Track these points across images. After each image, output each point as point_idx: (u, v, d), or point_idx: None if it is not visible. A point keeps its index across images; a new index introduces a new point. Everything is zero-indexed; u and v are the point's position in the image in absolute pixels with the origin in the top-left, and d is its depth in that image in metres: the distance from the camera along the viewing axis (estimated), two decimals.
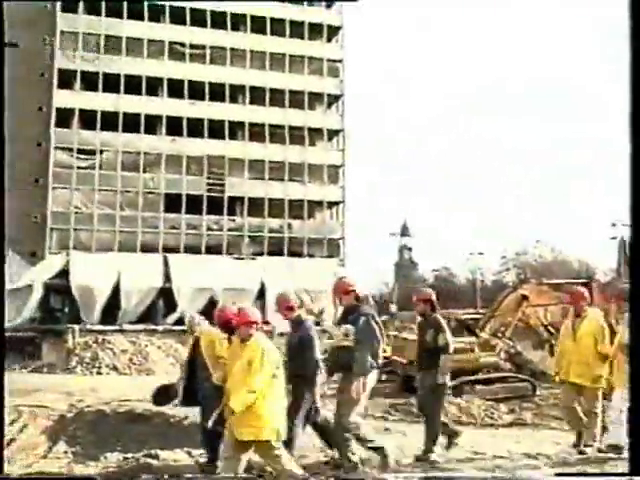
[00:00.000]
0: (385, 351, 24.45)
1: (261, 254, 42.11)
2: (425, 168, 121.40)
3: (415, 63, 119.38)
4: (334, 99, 46.03)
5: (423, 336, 8.59)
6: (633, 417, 3.96)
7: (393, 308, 53.65)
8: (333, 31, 46.20)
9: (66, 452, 10.47)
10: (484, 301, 42.86)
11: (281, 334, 8.31)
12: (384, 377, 23.41)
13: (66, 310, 40.17)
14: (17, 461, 9.38)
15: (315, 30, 45.23)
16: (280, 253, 42.35)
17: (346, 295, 7.76)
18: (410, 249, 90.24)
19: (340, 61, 45.99)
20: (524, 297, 17.08)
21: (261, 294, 39.92)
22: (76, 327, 35.31)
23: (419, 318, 8.96)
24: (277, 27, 43.92)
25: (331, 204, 45.25)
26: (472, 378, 15.72)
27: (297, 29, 44.43)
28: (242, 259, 41.57)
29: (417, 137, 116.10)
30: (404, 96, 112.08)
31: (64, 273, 38.16)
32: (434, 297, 8.78)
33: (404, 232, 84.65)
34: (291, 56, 44.17)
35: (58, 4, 40.89)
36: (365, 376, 7.43)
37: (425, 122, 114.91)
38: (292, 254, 42.69)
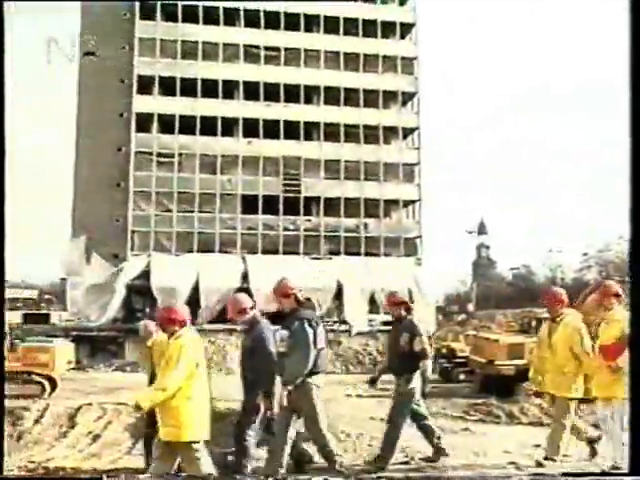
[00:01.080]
0: (463, 350, 24.20)
1: (337, 254, 42.10)
2: (500, 165, 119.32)
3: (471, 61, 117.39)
4: (409, 97, 45.67)
5: (397, 340, 8.13)
6: (633, 417, 3.79)
7: (471, 307, 53.00)
8: (406, 28, 45.86)
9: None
10: None
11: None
12: (462, 377, 23.27)
13: (147, 310, 41.08)
14: (103, 457, 9.59)
15: (388, 28, 44.98)
16: (356, 253, 42.24)
17: (286, 298, 7.41)
18: (488, 247, 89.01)
19: (414, 58, 45.62)
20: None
21: (338, 294, 39.98)
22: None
23: (394, 321, 8.50)
24: (350, 26, 43.85)
25: (407, 203, 44.91)
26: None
27: (370, 28, 44.26)
28: (319, 259, 41.66)
29: (490, 133, 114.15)
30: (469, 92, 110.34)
31: (145, 274, 38.98)
32: (407, 300, 8.45)
33: (481, 230, 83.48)
34: (365, 55, 44.02)
35: (137, 12, 41.86)
36: (293, 384, 6.93)
37: (496, 117, 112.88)
38: (368, 253, 42.56)
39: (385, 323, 39.82)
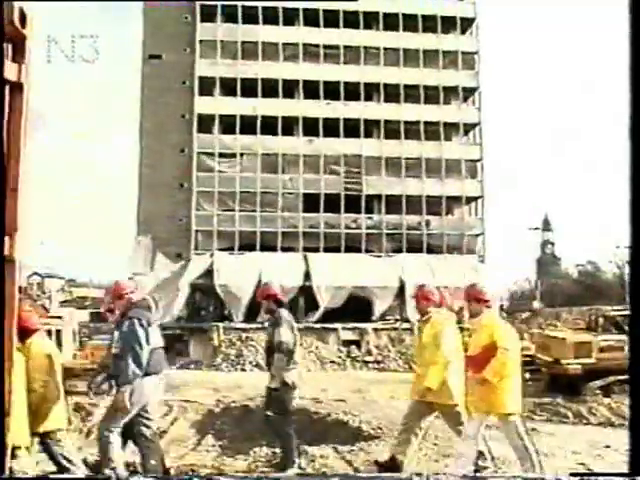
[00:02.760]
0: (529, 349, 23.85)
1: (400, 251, 41.88)
2: (566, 159, 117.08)
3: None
4: (470, 92, 45.16)
5: (271, 335, 7.97)
6: (633, 417, 3.61)
7: (536, 305, 52.18)
8: (467, 23, 45.36)
9: (214, 445, 10.79)
10: None
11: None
12: (528, 376, 22.92)
13: (211, 309, 41.62)
14: (170, 453, 9.73)
15: (448, 23, 44.56)
16: (419, 250, 41.96)
17: (120, 300, 7.07)
18: (552, 244, 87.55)
19: (475, 53, 45.10)
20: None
21: (400, 291, 39.78)
22: (220, 325, 36.48)
23: (266, 316, 8.32)
24: (409, 22, 43.57)
25: (470, 199, 44.44)
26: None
27: (430, 23, 43.91)
28: (380, 257, 41.54)
29: (552, 128, 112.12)
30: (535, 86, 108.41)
31: (209, 273, 39.43)
32: (278, 292, 8.22)
33: (546, 226, 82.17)
34: (425, 51, 43.69)
35: (198, 15, 42.41)
36: (129, 384, 6.66)
37: (558, 112, 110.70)
38: (431, 251, 42.24)
39: None
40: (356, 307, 38.66)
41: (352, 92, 42.59)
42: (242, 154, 41.91)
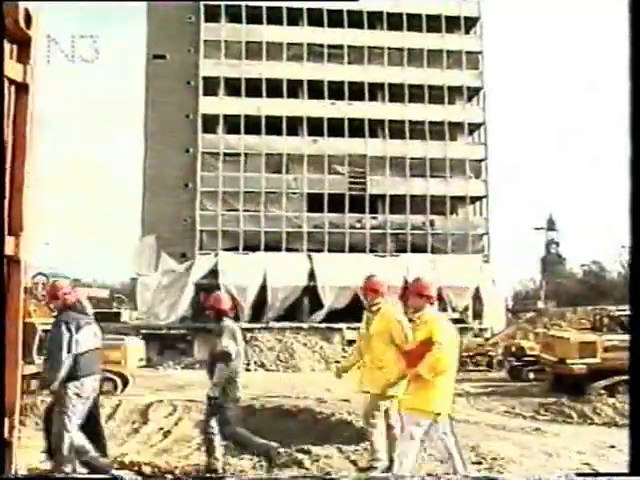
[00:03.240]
0: (533, 349, 23.77)
1: (404, 251, 41.83)
2: (570, 159, 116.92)
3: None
4: (474, 92, 45.10)
5: (214, 344, 7.93)
6: (633, 417, 3.57)
7: (540, 305, 52.10)
8: (471, 22, 45.31)
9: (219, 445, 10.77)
10: None
11: None
12: (532, 376, 22.90)
13: None
14: (174, 452, 9.73)
15: (452, 23, 44.50)
16: (423, 250, 41.91)
17: (55, 300, 6.97)
18: (557, 243, 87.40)
19: (479, 53, 45.03)
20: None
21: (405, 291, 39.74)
22: None
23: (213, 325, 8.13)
24: (414, 22, 43.52)
25: (474, 199, 44.39)
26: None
27: (434, 23, 43.85)
28: (385, 256, 41.49)
29: (557, 127, 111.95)
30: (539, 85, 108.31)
31: (213, 273, 39.46)
32: (224, 305, 8.04)
33: (550, 226, 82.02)
34: (429, 51, 43.65)
35: (202, 15, 42.42)
36: (51, 387, 6.64)
37: (562, 111, 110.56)
38: (435, 251, 42.19)
39: (453, 321, 39.52)
40: (361, 307, 38.65)
41: (356, 92, 42.57)
42: (246, 154, 41.90)
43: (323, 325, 37.56)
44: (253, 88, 41.64)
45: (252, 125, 41.46)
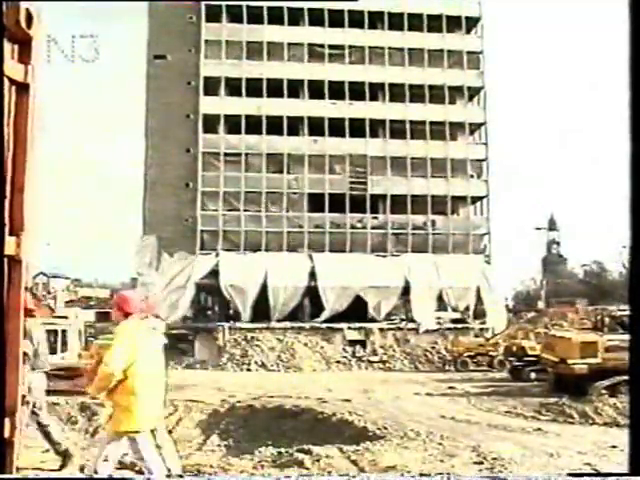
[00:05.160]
0: (534, 349, 23.76)
1: (405, 251, 41.81)
2: (572, 159, 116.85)
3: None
4: (475, 92, 45.07)
5: None
6: (633, 417, 3.58)
7: (541, 305, 52.11)
8: (472, 22, 45.27)
9: (219, 445, 10.80)
10: None
11: None
12: (533, 376, 22.90)
13: (216, 309, 41.70)
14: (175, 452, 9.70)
15: (453, 22, 44.46)
16: (424, 250, 41.89)
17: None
18: (558, 243, 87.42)
19: (480, 52, 44.99)
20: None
21: (406, 291, 39.78)
22: (226, 325, 36.55)
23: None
24: (414, 22, 43.47)
25: (475, 199, 44.35)
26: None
27: (435, 23, 43.81)
28: (386, 256, 41.48)
29: (558, 127, 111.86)
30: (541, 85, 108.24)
31: (214, 273, 39.46)
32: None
33: (551, 226, 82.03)
34: (430, 50, 43.61)
35: (203, 15, 42.41)
36: None
37: (564, 111, 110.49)
38: (436, 251, 42.15)
39: (454, 321, 39.57)
40: (362, 307, 38.71)
41: (357, 92, 42.53)
42: (247, 154, 41.86)
43: (324, 325, 37.58)
44: (254, 88, 41.61)
45: (253, 125, 41.44)
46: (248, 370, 32.70)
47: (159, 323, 6.80)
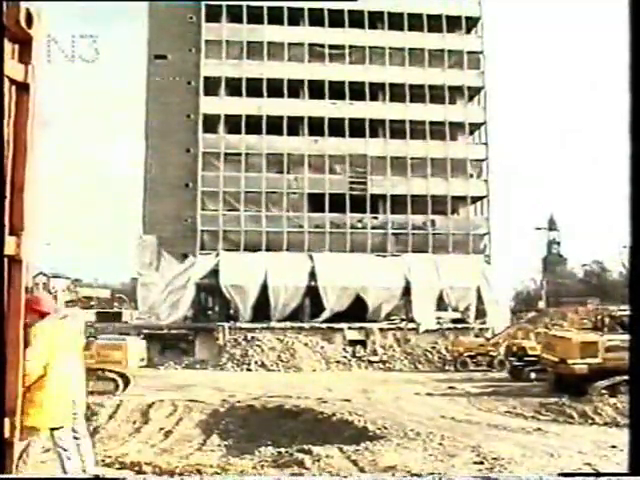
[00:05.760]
0: (534, 349, 23.75)
1: (405, 251, 41.80)
2: (572, 159, 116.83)
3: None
4: (475, 92, 45.05)
5: None
6: (633, 417, 3.57)
7: (542, 304, 52.08)
8: (472, 22, 45.26)
9: (219, 445, 10.79)
10: None
11: None
12: (533, 375, 22.89)
13: (217, 308, 41.69)
14: (175, 452, 9.72)
15: (453, 22, 44.44)
16: (424, 250, 41.88)
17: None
18: (558, 243, 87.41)
19: (480, 52, 44.98)
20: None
21: (406, 291, 39.77)
22: (226, 325, 36.54)
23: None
24: (415, 22, 43.46)
25: (475, 199, 44.33)
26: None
27: (435, 23, 43.80)
28: (386, 256, 41.46)
29: (559, 127, 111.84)
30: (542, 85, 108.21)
31: (214, 273, 39.44)
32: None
33: (551, 226, 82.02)
34: (430, 50, 43.60)
35: (203, 15, 42.40)
36: None
37: (564, 111, 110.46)
38: (436, 251, 42.14)
39: (454, 321, 39.57)
40: (362, 307, 38.71)
41: (357, 92, 42.52)
42: (247, 154, 41.85)
43: (324, 325, 37.56)
44: (254, 88, 41.59)
45: (253, 125, 41.43)
46: (248, 370, 32.68)
47: (77, 311, 6.96)
